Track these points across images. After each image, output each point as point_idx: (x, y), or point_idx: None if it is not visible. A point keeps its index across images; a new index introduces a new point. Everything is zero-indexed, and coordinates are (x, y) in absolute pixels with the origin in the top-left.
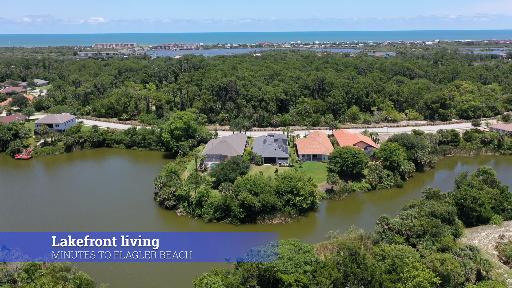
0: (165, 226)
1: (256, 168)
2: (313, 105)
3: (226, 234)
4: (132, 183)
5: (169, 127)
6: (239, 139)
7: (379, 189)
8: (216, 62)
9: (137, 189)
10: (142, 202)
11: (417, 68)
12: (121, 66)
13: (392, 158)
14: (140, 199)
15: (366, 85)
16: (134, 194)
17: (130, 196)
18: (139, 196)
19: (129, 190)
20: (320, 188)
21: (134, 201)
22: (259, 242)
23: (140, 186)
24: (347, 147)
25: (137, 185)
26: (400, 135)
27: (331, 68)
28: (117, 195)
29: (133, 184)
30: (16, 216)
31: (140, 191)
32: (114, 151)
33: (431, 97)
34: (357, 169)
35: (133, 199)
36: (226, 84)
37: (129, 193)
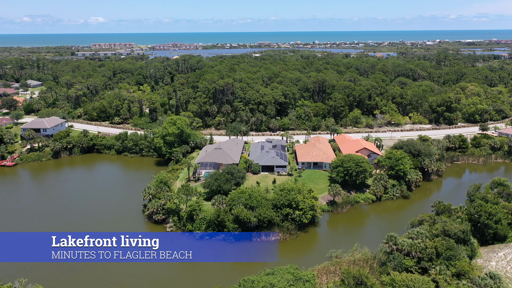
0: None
1: (253, 177)
2: (313, 109)
3: (219, 253)
4: (120, 193)
5: (161, 133)
6: (235, 145)
7: (384, 200)
8: (214, 63)
9: (125, 200)
10: (130, 216)
11: (420, 69)
12: (116, 67)
13: (398, 167)
14: (128, 211)
15: (368, 87)
16: (122, 206)
17: (118, 208)
18: (127, 208)
19: (117, 201)
20: (321, 199)
21: (121, 214)
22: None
23: (129, 197)
24: (349, 155)
25: (126, 196)
26: (406, 142)
27: (331, 70)
28: (103, 207)
29: (121, 195)
30: None
31: (129, 203)
32: (104, 157)
33: (436, 100)
34: (360, 179)
35: (120, 211)
36: (223, 86)
37: (116, 204)
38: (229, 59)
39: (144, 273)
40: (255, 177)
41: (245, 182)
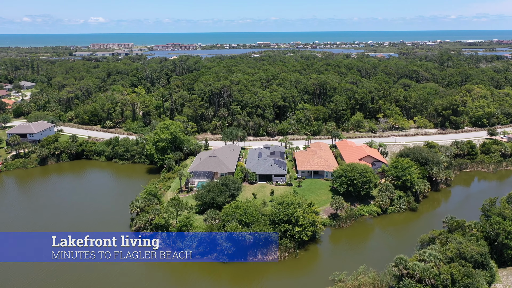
0: (135, 263)
1: (249, 188)
2: (314, 112)
3: (210, 276)
4: (108, 204)
5: (153, 139)
6: (231, 152)
7: (390, 213)
8: (211, 64)
9: (113, 212)
10: (116, 231)
11: (424, 70)
12: (111, 68)
13: (405, 177)
14: (114, 226)
15: (371, 90)
16: (108, 219)
17: (104, 222)
18: (114, 222)
19: (104, 214)
20: (322, 212)
21: (107, 228)
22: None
23: (117, 208)
24: (353, 164)
25: (114, 207)
26: (412, 149)
27: (332, 71)
28: (88, 220)
29: (109, 206)
30: None
31: (117, 215)
32: (93, 164)
33: (442, 103)
34: (365, 190)
35: (106, 225)
36: (219, 89)
37: (102, 217)
38: (227, 60)
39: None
40: (251, 187)
41: (241, 193)
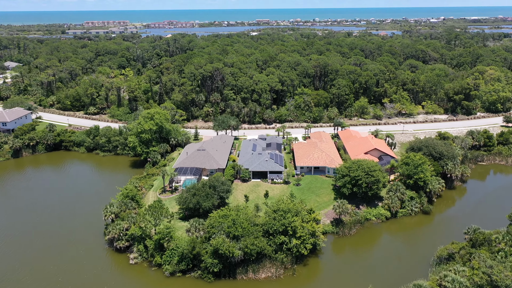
0: (106, 281)
1: (242, 187)
2: (314, 97)
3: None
4: (84, 205)
5: (136, 129)
6: (223, 144)
7: (400, 216)
8: (206, 43)
9: (89, 215)
10: (89, 239)
11: (431, 50)
12: (99, 48)
13: (418, 175)
14: (88, 233)
15: (376, 72)
16: (83, 224)
17: (77, 228)
18: (88, 228)
19: (79, 217)
20: (323, 217)
21: (79, 236)
22: None
23: (94, 211)
24: (358, 162)
25: (91, 209)
26: (424, 142)
27: (334, 51)
28: (60, 225)
29: (85, 208)
30: None
31: (93, 219)
32: (72, 156)
33: (453, 87)
34: (372, 191)
35: (79, 232)
36: (211, 72)
37: (77, 222)
38: (223, 39)
39: None
40: (244, 186)
41: (232, 195)
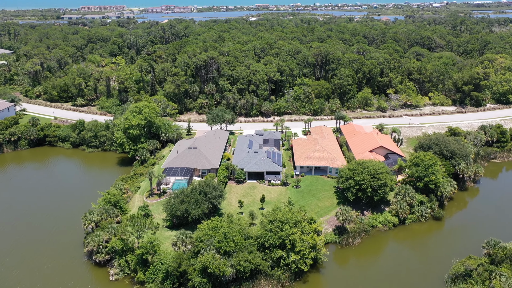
0: None
1: (236, 189)
2: (315, 88)
3: None
4: (67, 208)
5: (123, 125)
6: (217, 141)
7: (409, 223)
8: (202, 30)
9: (70, 221)
10: (68, 250)
11: (437, 37)
12: (91, 35)
13: (428, 177)
14: (67, 242)
15: (380, 61)
16: (63, 231)
17: (56, 236)
18: (68, 236)
19: (58, 223)
20: (325, 224)
21: (57, 246)
22: None
23: (75, 216)
24: (363, 163)
25: (72, 214)
26: (435, 139)
27: (335, 38)
28: (37, 233)
29: (66, 212)
30: None
31: (73, 226)
32: (57, 152)
33: (462, 77)
34: (379, 195)
35: (57, 241)
36: (205, 61)
37: (56, 228)
38: (220, 25)
39: None
40: (239, 189)
41: (225, 200)
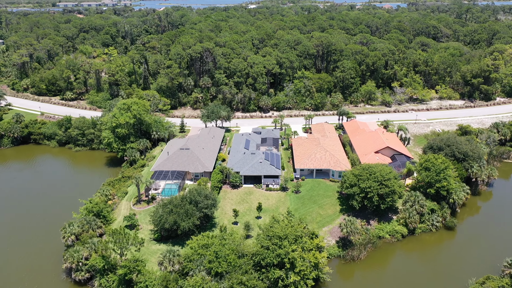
0: None
1: (231, 194)
2: (316, 81)
3: None
4: (48, 217)
5: (110, 123)
6: (211, 140)
7: (419, 233)
8: (199, 18)
9: (51, 230)
10: (47, 266)
11: (443, 26)
12: (84, 24)
13: (441, 183)
14: (47, 256)
15: (385, 52)
16: (43, 242)
17: (35, 248)
18: (47, 249)
19: (39, 233)
20: (328, 235)
21: (36, 260)
22: None
23: (57, 226)
24: (369, 168)
25: (54, 221)
26: (446, 139)
27: (337, 28)
28: (15, 246)
29: (48, 220)
30: None
31: (54, 237)
32: (42, 151)
33: (471, 69)
34: (386, 204)
35: (36, 255)
36: (200, 53)
37: (35, 240)
38: (217, 14)
39: None
40: (234, 194)
41: (219, 207)
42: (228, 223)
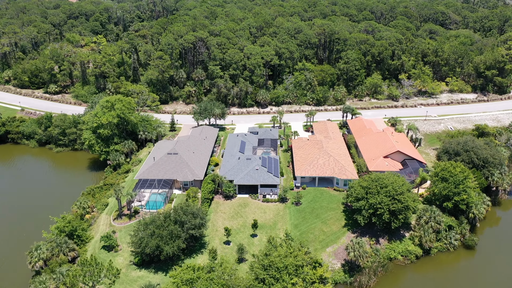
0: None
1: (223, 207)
2: (318, 74)
3: None
4: (17, 234)
5: (91, 123)
6: (203, 142)
7: (435, 253)
8: (194, 4)
9: (21, 251)
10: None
11: (452, 11)
12: (73, 9)
13: (460, 196)
14: (12, 283)
15: (392, 41)
16: (8, 266)
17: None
18: (14, 274)
19: (4, 254)
20: (332, 256)
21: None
22: None
23: (27, 247)
24: (379, 179)
25: (25, 242)
26: (463, 143)
27: (340, 14)
28: None
29: (17, 239)
30: None
31: (22, 260)
32: (21, 151)
33: (484, 60)
34: (399, 221)
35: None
36: (193, 43)
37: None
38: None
39: None
40: (227, 207)
41: (208, 227)
42: (220, 243)
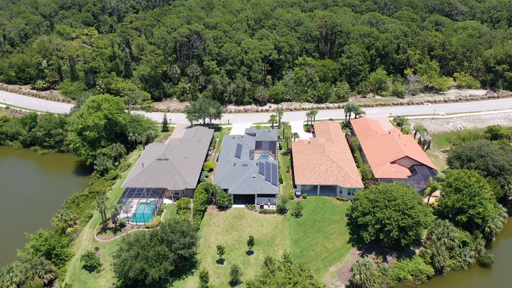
0: None
1: (217, 219)
2: (320, 69)
3: None
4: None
5: (76, 124)
6: (196, 145)
7: (447, 272)
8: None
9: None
10: None
11: (459, 1)
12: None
13: (475, 210)
14: None
15: (397, 34)
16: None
17: None
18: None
19: None
20: (336, 276)
21: None
22: None
23: (3, 263)
24: (387, 191)
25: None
26: (477, 148)
27: (343, 5)
28: None
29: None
30: None
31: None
32: (4, 153)
33: (495, 54)
34: (409, 239)
35: None
36: (188, 36)
37: None
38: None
39: None
40: (220, 219)
41: (200, 244)
42: (212, 262)
